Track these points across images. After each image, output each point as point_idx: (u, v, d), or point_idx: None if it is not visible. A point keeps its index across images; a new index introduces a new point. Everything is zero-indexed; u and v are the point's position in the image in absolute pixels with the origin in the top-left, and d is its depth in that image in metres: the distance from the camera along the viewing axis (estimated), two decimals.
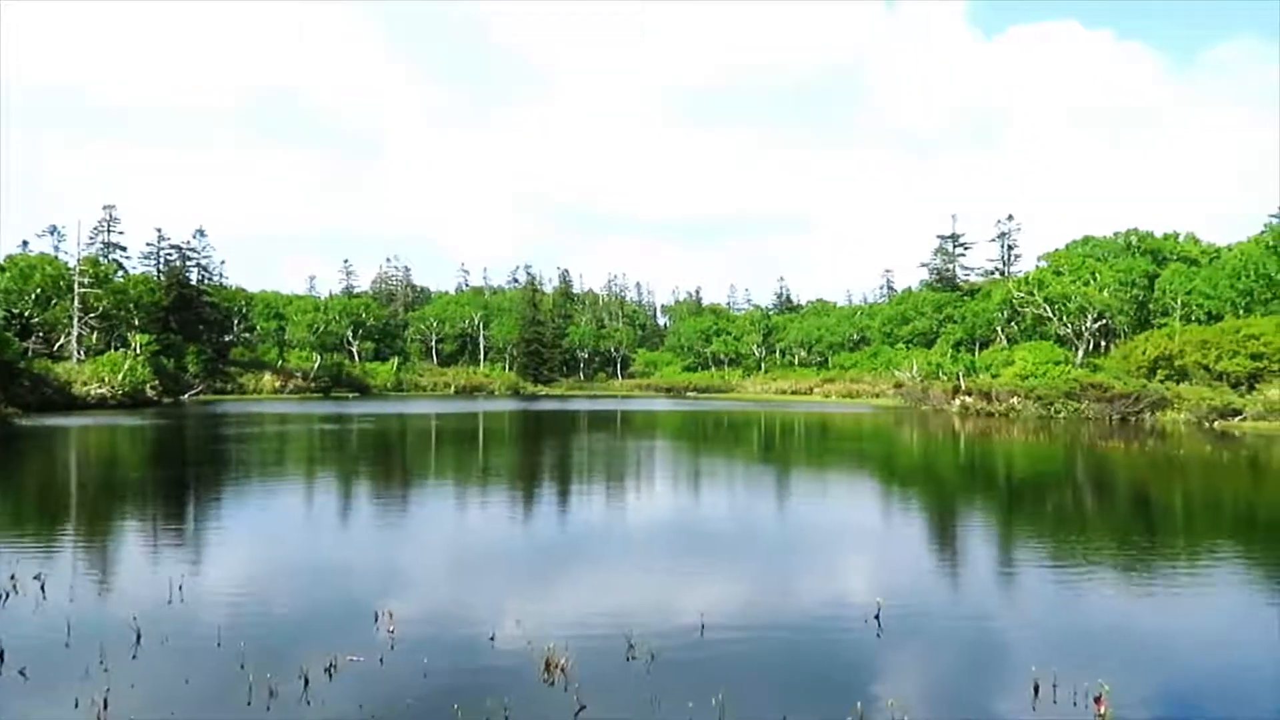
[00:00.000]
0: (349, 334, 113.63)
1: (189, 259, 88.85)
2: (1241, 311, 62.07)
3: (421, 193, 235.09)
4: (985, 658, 9.27)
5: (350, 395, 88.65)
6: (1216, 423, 46.69)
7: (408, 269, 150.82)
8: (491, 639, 9.33)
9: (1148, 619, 10.71)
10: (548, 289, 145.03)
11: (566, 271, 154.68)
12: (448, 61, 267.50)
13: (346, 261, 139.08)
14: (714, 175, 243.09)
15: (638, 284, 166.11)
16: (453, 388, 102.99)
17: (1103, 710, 7.42)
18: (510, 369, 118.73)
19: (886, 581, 12.56)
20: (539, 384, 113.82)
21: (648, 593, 11.73)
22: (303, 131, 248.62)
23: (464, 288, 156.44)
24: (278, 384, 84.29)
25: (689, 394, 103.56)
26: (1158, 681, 8.49)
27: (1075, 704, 7.67)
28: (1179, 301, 67.27)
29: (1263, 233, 68.09)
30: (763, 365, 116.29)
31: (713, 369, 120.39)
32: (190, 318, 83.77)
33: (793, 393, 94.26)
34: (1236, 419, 46.94)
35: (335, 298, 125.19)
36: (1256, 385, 50.37)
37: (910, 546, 15.61)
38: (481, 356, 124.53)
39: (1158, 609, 11.17)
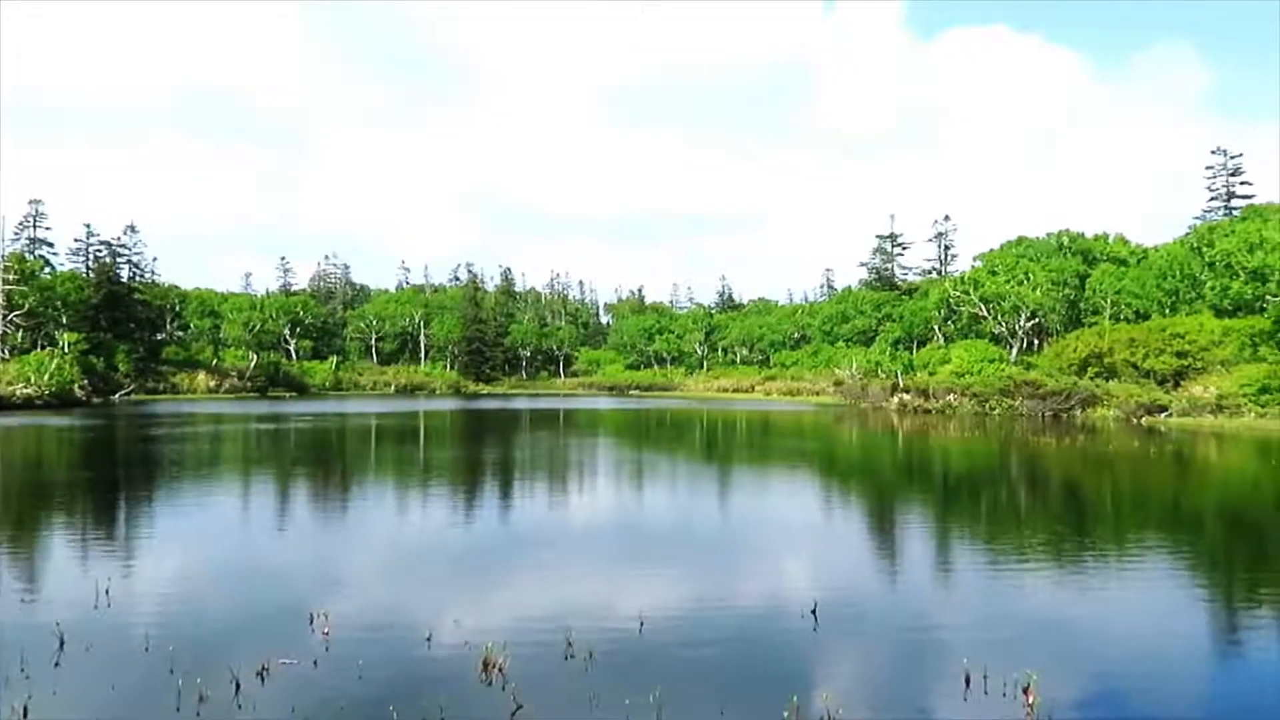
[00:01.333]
0: (286, 332, 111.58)
1: (120, 256, 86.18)
2: (1167, 310, 63.89)
3: (358, 191, 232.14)
4: (918, 651, 9.42)
5: (288, 395, 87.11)
6: (1144, 419, 48.09)
7: (347, 267, 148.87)
8: (429, 639, 9.23)
9: (1077, 611, 10.97)
10: (490, 287, 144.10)
11: (509, 270, 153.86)
12: (383, 61, 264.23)
13: (284, 259, 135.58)
14: (654, 175, 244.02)
15: (580, 282, 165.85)
16: (393, 387, 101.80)
17: (1031, 700, 7.59)
18: (452, 368, 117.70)
19: (824, 578, 12.73)
20: (481, 383, 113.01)
21: (587, 592, 11.72)
22: (237, 130, 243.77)
23: (404, 286, 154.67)
24: (212, 383, 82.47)
25: (631, 392, 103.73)
26: (1085, 671, 8.69)
27: (1005, 694, 7.84)
28: (1108, 301, 69.06)
29: (1187, 234, 70.15)
30: (705, 363, 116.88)
31: (655, 367, 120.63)
32: (121, 316, 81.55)
33: (734, 390, 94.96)
34: (1163, 415, 48.38)
35: (272, 295, 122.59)
36: (1181, 382, 52.00)
37: (847, 543, 15.82)
38: (422, 355, 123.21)
39: (1087, 601, 11.45)
